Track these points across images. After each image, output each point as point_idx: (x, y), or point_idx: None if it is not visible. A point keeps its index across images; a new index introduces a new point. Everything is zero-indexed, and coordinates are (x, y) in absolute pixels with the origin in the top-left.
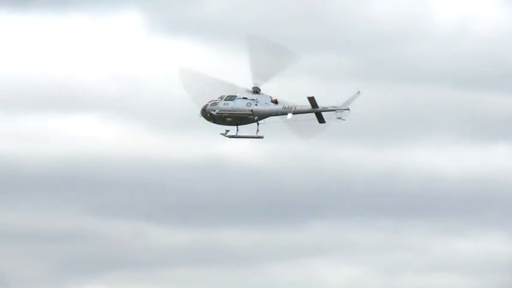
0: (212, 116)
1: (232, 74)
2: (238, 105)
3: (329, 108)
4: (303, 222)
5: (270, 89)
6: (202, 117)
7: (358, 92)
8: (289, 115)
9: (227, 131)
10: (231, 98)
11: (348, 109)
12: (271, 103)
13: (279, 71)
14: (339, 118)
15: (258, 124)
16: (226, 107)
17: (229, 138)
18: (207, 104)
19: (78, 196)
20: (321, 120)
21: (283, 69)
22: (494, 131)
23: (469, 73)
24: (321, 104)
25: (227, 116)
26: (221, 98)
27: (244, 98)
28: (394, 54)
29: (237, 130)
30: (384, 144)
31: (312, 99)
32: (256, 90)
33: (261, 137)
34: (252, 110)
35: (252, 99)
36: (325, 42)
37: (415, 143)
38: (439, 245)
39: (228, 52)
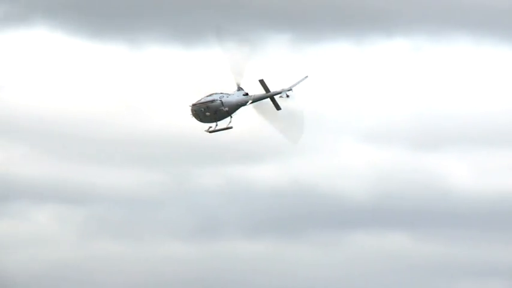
0: (196, 112)
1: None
2: (213, 98)
3: (277, 91)
4: None
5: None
6: (193, 117)
7: (306, 77)
8: (248, 103)
9: (210, 127)
10: (211, 94)
11: (291, 89)
12: (242, 96)
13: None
14: (285, 96)
15: (231, 117)
16: (203, 101)
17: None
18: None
19: None
20: (277, 107)
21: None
22: None
23: None
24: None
25: (206, 111)
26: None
27: (220, 93)
28: None
29: (216, 125)
30: None
31: (262, 82)
32: (239, 88)
33: (231, 127)
34: (222, 102)
35: (227, 94)
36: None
37: None
38: None
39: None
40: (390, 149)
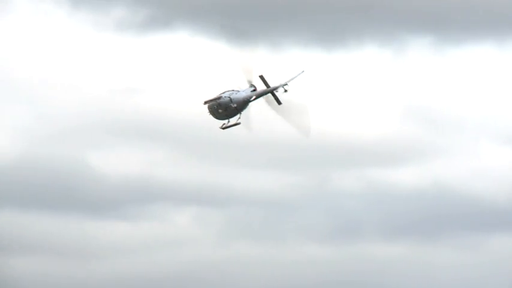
0: (211, 109)
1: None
2: (225, 95)
3: (275, 86)
4: None
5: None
6: (210, 114)
7: (302, 71)
8: (252, 98)
9: (223, 124)
10: (223, 92)
11: (287, 84)
12: (249, 92)
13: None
14: (283, 91)
15: (240, 113)
16: (214, 97)
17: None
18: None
19: None
20: (277, 101)
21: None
22: None
23: None
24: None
25: (218, 108)
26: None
27: (232, 90)
28: None
29: (228, 121)
30: None
31: (262, 77)
32: (251, 85)
33: (239, 123)
34: (230, 99)
35: (236, 90)
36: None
37: None
38: None
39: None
40: None
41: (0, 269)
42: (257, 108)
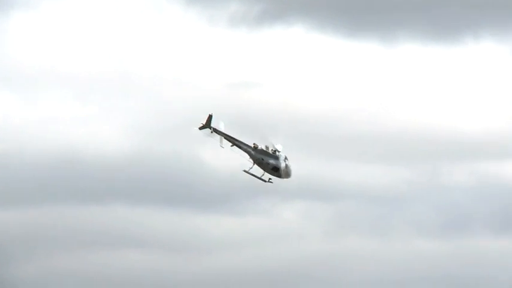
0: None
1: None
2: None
3: (263, 178)
4: None
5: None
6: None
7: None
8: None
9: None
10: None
11: (271, 181)
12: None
13: None
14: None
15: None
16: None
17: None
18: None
19: None
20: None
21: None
22: None
23: None
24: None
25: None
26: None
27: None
28: None
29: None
30: None
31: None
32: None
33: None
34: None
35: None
36: None
37: None
38: None
39: None
40: None
41: (114, 263)
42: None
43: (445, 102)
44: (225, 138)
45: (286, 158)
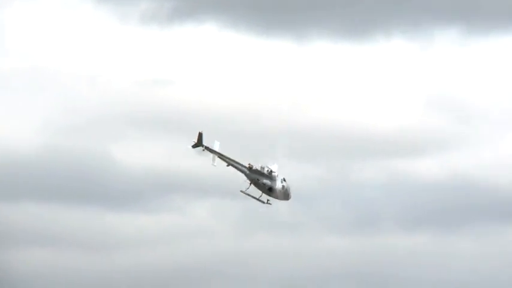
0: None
1: None
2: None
3: (261, 200)
4: None
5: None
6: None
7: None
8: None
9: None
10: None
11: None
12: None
13: None
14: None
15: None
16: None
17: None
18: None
19: None
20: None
21: None
22: None
23: None
24: None
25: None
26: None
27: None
28: None
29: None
30: None
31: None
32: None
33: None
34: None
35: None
36: None
37: None
38: None
39: None
40: None
41: (25, 262)
42: None
43: (356, 99)
44: (219, 157)
45: (284, 180)
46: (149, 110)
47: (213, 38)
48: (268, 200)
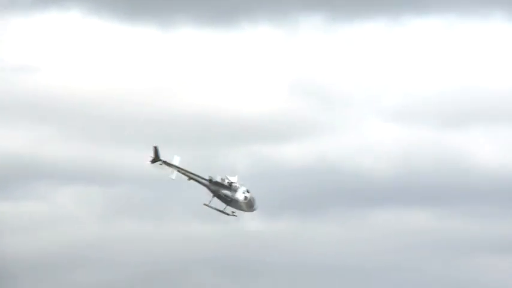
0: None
1: None
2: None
3: (226, 212)
4: None
5: None
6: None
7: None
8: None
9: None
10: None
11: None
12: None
13: None
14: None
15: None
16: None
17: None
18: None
19: None
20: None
21: None
22: None
23: None
24: None
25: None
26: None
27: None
28: None
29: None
30: None
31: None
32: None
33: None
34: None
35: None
36: None
37: None
38: None
39: None
40: (415, 128)
41: None
42: None
43: (222, 86)
44: (179, 172)
45: (247, 191)
46: (13, 98)
47: (77, 25)
48: (233, 212)
